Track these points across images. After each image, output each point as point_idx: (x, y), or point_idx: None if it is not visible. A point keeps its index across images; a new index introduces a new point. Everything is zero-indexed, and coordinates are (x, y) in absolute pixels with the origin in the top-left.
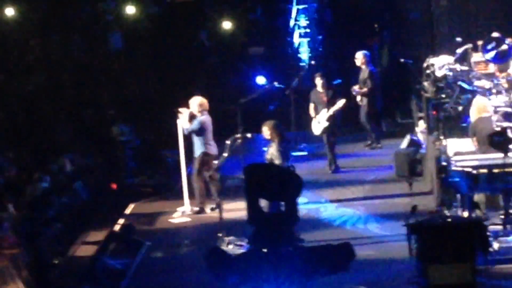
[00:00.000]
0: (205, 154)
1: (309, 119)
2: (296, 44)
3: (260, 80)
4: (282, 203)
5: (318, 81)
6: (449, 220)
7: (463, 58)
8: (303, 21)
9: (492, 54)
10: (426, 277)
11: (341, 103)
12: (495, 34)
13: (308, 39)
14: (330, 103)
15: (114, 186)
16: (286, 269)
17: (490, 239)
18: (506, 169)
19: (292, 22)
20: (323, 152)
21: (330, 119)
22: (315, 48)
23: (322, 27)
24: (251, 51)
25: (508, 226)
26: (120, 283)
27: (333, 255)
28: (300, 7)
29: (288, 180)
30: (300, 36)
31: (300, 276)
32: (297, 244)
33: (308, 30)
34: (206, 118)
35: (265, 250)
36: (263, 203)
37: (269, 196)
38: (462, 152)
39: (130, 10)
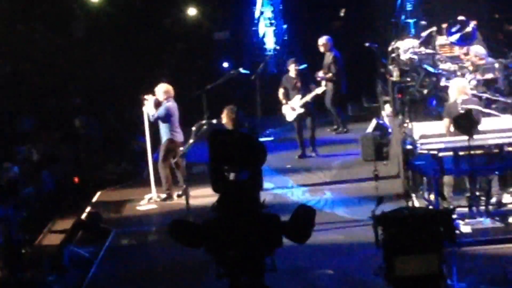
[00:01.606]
0: (170, 141)
1: (277, 104)
2: (261, 34)
3: (226, 65)
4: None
5: (292, 67)
6: (415, 211)
7: (428, 41)
8: (269, 11)
9: (456, 36)
10: (392, 268)
11: (320, 89)
12: (459, 17)
13: (274, 28)
14: (303, 89)
15: (76, 179)
16: (252, 235)
17: (457, 222)
18: (472, 152)
19: (257, 12)
20: (290, 137)
21: (306, 105)
22: (281, 37)
23: (287, 16)
24: (216, 36)
25: (474, 209)
26: (88, 271)
27: (295, 218)
28: None
29: (252, 146)
30: (266, 26)
31: (267, 241)
32: (262, 211)
33: (273, 21)
34: (171, 105)
35: (229, 216)
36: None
37: (233, 163)
38: (428, 135)
39: None
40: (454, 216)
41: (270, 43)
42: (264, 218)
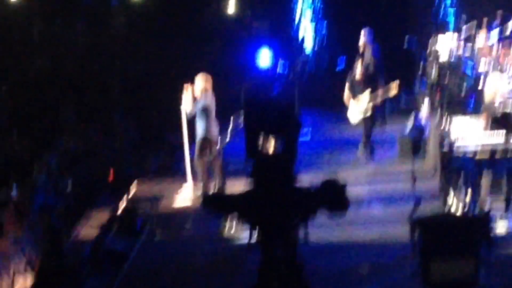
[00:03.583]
0: (205, 139)
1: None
2: (303, 29)
3: (264, 60)
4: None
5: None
6: (452, 216)
7: (468, 38)
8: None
9: (496, 30)
10: (428, 272)
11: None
12: (500, 12)
13: (314, 23)
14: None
15: (112, 174)
16: (286, 207)
17: (494, 226)
18: (508, 154)
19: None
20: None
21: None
22: (320, 33)
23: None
24: (255, 25)
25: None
26: (123, 266)
27: (328, 192)
28: None
29: (288, 116)
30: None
31: (300, 214)
32: (296, 184)
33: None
34: (208, 101)
35: (264, 187)
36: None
37: (268, 131)
38: (465, 135)
39: None
40: (491, 220)
41: (309, 40)
42: (298, 190)
